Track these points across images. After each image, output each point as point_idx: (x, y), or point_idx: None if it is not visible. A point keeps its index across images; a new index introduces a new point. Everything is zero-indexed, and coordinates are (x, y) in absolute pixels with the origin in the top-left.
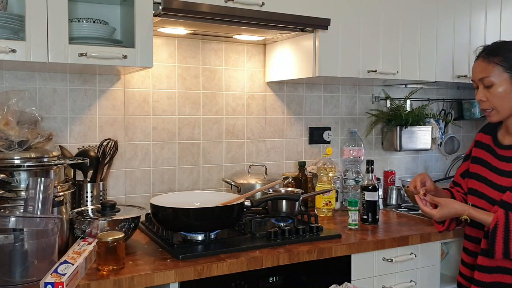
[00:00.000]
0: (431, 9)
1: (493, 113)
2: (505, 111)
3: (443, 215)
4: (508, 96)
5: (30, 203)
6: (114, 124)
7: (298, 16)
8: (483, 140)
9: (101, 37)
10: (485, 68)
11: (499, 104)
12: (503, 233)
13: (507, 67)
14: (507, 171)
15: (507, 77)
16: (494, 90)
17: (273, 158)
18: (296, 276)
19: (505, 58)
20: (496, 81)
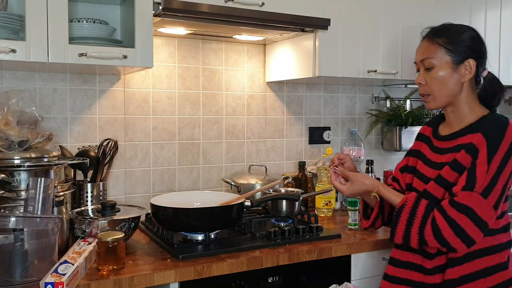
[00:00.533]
0: (431, 9)
1: (429, 99)
2: (442, 98)
3: (353, 191)
4: (447, 82)
5: (30, 203)
6: (114, 124)
7: (298, 16)
8: (425, 132)
9: (101, 37)
10: (428, 48)
11: (437, 89)
12: (408, 215)
13: (450, 49)
14: (437, 163)
15: (448, 60)
16: (434, 73)
17: (273, 158)
18: (296, 276)
19: (449, 40)
20: (437, 64)
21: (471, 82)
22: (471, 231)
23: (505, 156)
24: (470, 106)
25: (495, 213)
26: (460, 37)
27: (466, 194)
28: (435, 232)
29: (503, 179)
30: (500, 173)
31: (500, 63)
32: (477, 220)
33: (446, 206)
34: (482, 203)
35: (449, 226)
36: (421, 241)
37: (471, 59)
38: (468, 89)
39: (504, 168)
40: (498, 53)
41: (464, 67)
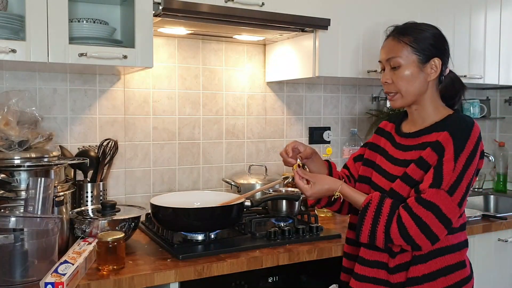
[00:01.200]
0: (430, 9)
1: (396, 97)
2: (409, 96)
3: (316, 192)
4: (413, 80)
5: (30, 203)
6: (114, 124)
7: (298, 16)
8: (386, 128)
9: (101, 37)
10: (394, 47)
11: (404, 88)
12: (373, 214)
13: (416, 48)
14: (401, 160)
15: (415, 59)
16: (401, 72)
17: (273, 158)
18: (296, 276)
19: (415, 39)
20: (404, 63)
21: (436, 81)
22: (436, 227)
23: (470, 155)
24: (434, 105)
25: (459, 210)
26: (425, 36)
27: (433, 191)
28: (401, 230)
29: (467, 178)
30: (465, 172)
31: (500, 63)
32: (442, 217)
33: (412, 203)
34: (447, 200)
35: (414, 223)
36: (387, 239)
37: (436, 58)
38: (432, 88)
39: (468, 167)
40: (498, 53)
41: (430, 66)
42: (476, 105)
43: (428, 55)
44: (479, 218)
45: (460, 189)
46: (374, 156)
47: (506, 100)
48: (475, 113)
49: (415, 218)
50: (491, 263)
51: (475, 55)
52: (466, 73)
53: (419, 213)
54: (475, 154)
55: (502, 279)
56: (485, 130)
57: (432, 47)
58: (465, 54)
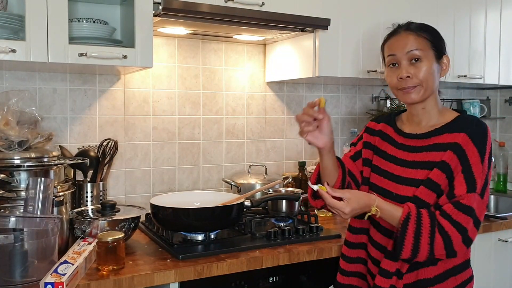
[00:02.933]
0: (431, 9)
1: (417, 90)
2: (429, 89)
3: (354, 209)
4: (433, 74)
5: (30, 203)
6: (114, 124)
7: (298, 16)
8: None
9: (101, 37)
10: (415, 41)
11: (426, 80)
12: (415, 227)
13: (434, 43)
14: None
15: (433, 55)
16: (423, 65)
17: (273, 158)
18: (296, 276)
19: (433, 36)
20: (425, 56)
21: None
22: (471, 232)
23: (489, 156)
24: (439, 105)
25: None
26: (437, 34)
27: (471, 196)
28: (445, 240)
29: (489, 178)
30: (488, 173)
31: (500, 63)
32: (477, 220)
33: (451, 210)
34: (480, 203)
35: (456, 230)
36: (431, 252)
37: (446, 56)
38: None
39: (489, 169)
40: (498, 53)
41: (442, 62)
42: (476, 105)
43: (441, 52)
44: None
45: (487, 190)
46: (371, 156)
47: (506, 100)
48: (475, 113)
49: (456, 225)
50: (491, 263)
51: (475, 55)
52: (466, 73)
53: (459, 220)
54: (491, 155)
55: (502, 279)
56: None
57: (443, 44)
58: (465, 54)
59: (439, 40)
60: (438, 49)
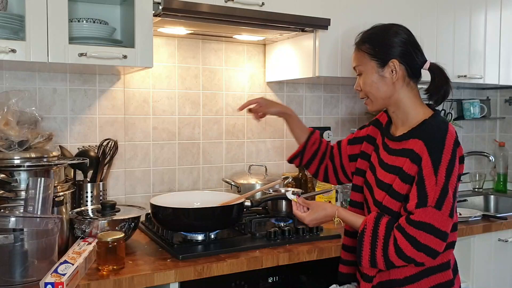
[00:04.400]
0: (431, 9)
1: (368, 102)
2: (378, 100)
3: (314, 219)
4: (376, 86)
5: (30, 203)
6: (114, 124)
7: (298, 16)
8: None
9: (101, 37)
10: (356, 56)
11: (371, 93)
12: (370, 238)
13: (373, 54)
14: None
15: (374, 65)
16: (364, 79)
17: (273, 158)
18: (296, 276)
19: (372, 46)
20: (364, 70)
21: (405, 80)
22: (433, 243)
23: (449, 165)
24: (411, 105)
25: (451, 220)
26: (379, 41)
27: (421, 211)
28: (398, 252)
29: (451, 188)
30: (448, 183)
31: (500, 63)
32: (437, 232)
33: (404, 224)
34: (437, 215)
35: (410, 244)
36: (387, 262)
37: (394, 59)
38: (403, 88)
39: (450, 177)
40: (498, 53)
41: (389, 68)
42: (476, 105)
43: (384, 58)
44: (479, 218)
45: (447, 201)
46: (370, 150)
47: (506, 100)
48: (475, 113)
49: (409, 239)
50: (491, 263)
51: (475, 55)
52: (466, 73)
53: (412, 234)
54: (454, 163)
55: (502, 279)
56: (485, 130)
57: (388, 50)
58: (465, 54)
59: (381, 47)
60: (380, 57)
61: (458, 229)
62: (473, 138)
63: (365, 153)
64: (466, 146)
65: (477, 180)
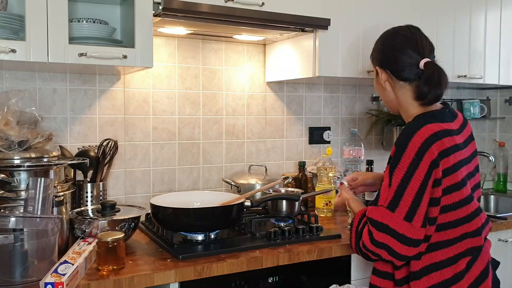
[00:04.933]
0: (431, 9)
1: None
2: (387, 104)
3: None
4: (378, 91)
5: (30, 203)
6: (114, 124)
7: (298, 16)
8: None
9: (101, 37)
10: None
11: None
12: (355, 229)
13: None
14: None
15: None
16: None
17: (273, 158)
18: (296, 276)
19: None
20: (374, 75)
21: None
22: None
23: (409, 168)
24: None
25: (411, 225)
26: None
27: (373, 209)
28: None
29: (411, 191)
30: (406, 186)
31: (500, 63)
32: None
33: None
34: (391, 217)
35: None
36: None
37: (377, 66)
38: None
39: (410, 180)
40: (498, 53)
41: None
42: (476, 105)
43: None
44: None
45: (403, 203)
46: None
47: (506, 100)
48: (475, 113)
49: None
50: None
51: (475, 55)
52: (466, 73)
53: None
54: (416, 165)
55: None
56: (485, 130)
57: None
58: (465, 54)
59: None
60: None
61: None
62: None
63: None
64: None
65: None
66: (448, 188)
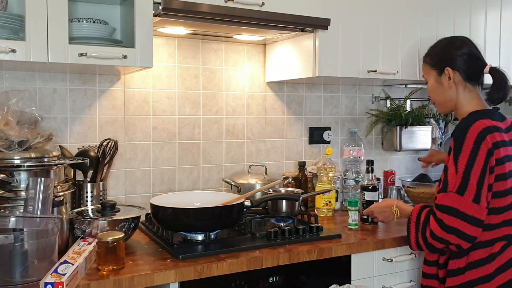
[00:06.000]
0: (431, 9)
1: (436, 106)
2: (441, 104)
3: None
4: (437, 91)
5: (30, 203)
6: (114, 124)
7: (298, 16)
8: None
9: (101, 37)
10: (423, 68)
11: (435, 98)
12: (415, 224)
13: (432, 64)
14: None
15: (434, 74)
16: (428, 86)
17: (273, 158)
18: (296, 276)
19: (431, 57)
20: (428, 79)
21: (462, 84)
22: (462, 227)
23: (470, 155)
24: (468, 106)
25: (479, 206)
26: (436, 51)
27: (442, 196)
28: (432, 234)
29: (475, 176)
30: (470, 171)
31: (500, 63)
32: (464, 216)
33: (434, 209)
34: (460, 201)
35: (438, 226)
36: (427, 244)
37: (447, 67)
38: (461, 91)
39: (472, 166)
40: (498, 53)
41: (445, 76)
42: None
43: (441, 67)
44: None
45: (470, 187)
46: None
47: (506, 100)
48: None
49: (438, 221)
50: None
51: None
52: None
53: (439, 216)
54: (476, 154)
55: None
56: None
57: (441, 59)
58: None
59: (440, 57)
60: (438, 66)
61: None
62: None
63: None
64: None
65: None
66: (498, 176)
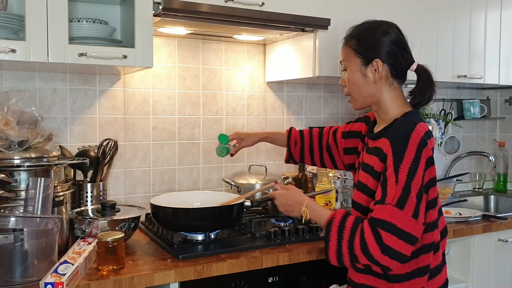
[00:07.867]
0: (431, 9)
1: (351, 100)
2: (360, 99)
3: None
4: (359, 84)
5: (30, 203)
6: (114, 124)
7: (298, 16)
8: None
9: (101, 37)
10: (343, 51)
11: (353, 91)
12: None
13: (358, 51)
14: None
15: (358, 63)
16: (348, 75)
17: (273, 158)
18: (296, 276)
19: (359, 42)
20: (349, 66)
21: (388, 80)
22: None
23: (412, 164)
24: (392, 105)
25: (416, 222)
26: (368, 37)
27: (379, 208)
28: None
29: (415, 187)
30: (411, 182)
31: (500, 63)
32: (400, 233)
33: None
34: (399, 215)
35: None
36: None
37: (377, 58)
38: (386, 88)
39: (414, 177)
40: (498, 53)
41: (372, 67)
42: (476, 105)
43: (369, 57)
44: (479, 218)
45: (410, 200)
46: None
47: (506, 100)
48: (475, 113)
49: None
50: (491, 263)
51: (475, 55)
52: (466, 73)
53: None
54: (418, 162)
55: (502, 279)
56: (485, 130)
57: (372, 49)
58: (465, 54)
59: (367, 45)
60: (365, 55)
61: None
62: (473, 138)
63: (358, 151)
64: (466, 146)
65: (477, 180)
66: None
